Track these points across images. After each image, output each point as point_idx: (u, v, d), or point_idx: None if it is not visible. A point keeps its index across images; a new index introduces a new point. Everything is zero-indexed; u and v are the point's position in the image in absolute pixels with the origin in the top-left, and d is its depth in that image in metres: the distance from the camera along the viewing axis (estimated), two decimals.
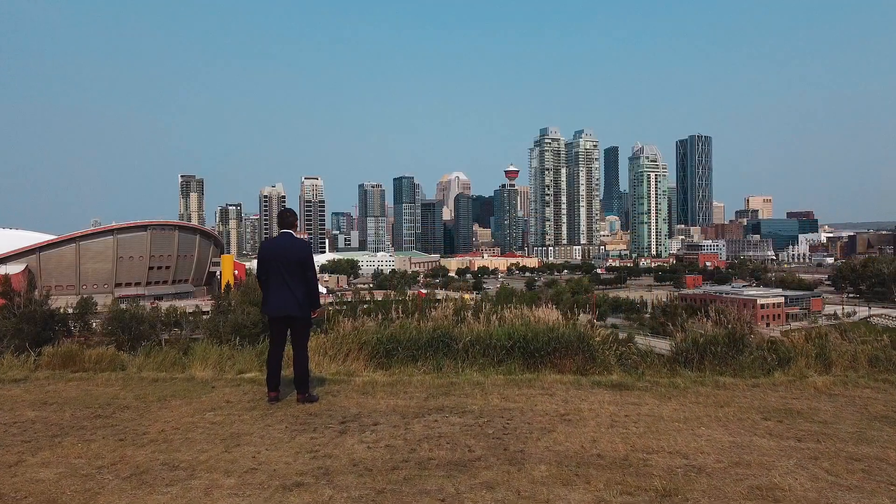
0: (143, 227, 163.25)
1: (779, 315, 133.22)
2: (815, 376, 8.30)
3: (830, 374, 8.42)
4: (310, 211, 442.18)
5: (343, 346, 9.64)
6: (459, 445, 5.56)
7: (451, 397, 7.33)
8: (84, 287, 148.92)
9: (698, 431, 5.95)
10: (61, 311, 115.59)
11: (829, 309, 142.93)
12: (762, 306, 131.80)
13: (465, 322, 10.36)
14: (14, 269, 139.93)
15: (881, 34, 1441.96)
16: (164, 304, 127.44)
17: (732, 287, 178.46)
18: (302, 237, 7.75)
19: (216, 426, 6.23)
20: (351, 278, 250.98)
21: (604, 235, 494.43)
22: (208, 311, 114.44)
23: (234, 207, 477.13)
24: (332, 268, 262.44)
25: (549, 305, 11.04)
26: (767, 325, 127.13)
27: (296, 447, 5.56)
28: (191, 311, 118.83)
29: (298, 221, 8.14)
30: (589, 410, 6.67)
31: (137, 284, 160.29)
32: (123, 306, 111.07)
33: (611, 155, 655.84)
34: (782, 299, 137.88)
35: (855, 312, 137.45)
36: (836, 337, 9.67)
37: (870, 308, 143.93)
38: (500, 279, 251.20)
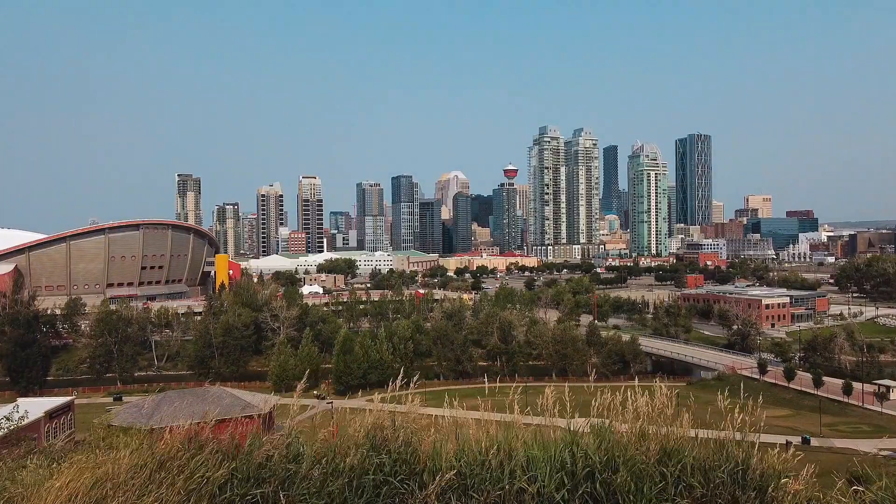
0: (136, 227, 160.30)
1: (784, 315, 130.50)
2: None
3: None
4: (308, 210, 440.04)
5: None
6: None
7: None
8: (75, 287, 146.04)
9: None
10: (48, 312, 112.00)
11: (834, 309, 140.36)
12: (767, 306, 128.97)
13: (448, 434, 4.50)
14: (3, 268, 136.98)
15: (881, 34, 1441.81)
16: (156, 305, 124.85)
17: (735, 287, 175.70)
18: None
19: None
20: (348, 278, 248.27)
21: (603, 234, 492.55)
22: (201, 312, 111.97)
23: (232, 207, 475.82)
24: (329, 267, 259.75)
25: (658, 389, 5.35)
26: (772, 325, 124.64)
27: None
28: (183, 311, 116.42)
29: None
30: None
31: (130, 284, 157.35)
32: (113, 307, 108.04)
33: (610, 154, 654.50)
34: (788, 299, 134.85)
35: (861, 313, 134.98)
36: None
37: (877, 308, 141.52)
38: (500, 278, 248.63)
